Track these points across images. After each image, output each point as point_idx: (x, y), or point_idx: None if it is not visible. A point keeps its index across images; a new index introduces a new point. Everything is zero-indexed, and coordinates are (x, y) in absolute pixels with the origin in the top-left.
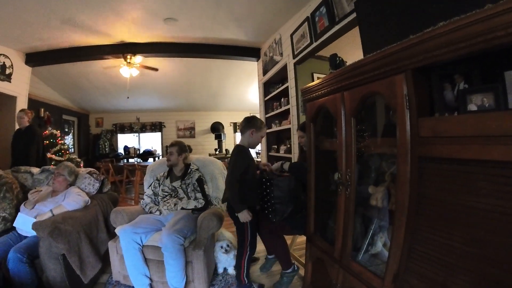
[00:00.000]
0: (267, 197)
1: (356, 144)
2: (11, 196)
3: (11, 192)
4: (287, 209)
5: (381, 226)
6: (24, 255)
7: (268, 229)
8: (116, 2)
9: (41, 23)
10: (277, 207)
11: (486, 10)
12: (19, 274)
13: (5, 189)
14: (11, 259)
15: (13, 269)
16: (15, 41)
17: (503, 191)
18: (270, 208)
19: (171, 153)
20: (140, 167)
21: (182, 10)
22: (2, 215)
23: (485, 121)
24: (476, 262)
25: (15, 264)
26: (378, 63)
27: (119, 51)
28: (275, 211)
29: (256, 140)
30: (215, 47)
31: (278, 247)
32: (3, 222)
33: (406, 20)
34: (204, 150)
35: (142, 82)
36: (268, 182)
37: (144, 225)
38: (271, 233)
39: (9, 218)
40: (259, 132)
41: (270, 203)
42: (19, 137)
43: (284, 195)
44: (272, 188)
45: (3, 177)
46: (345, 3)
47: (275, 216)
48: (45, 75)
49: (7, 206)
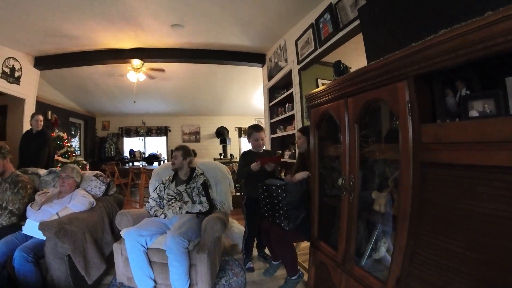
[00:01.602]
0: (279, 205)
1: (359, 150)
2: (23, 193)
3: (24, 189)
4: (300, 215)
5: (385, 231)
6: (30, 254)
7: (279, 235)
8: (126, 9)
9: (50, 27)
10: (290, 213)
11: (486, 18)
12: (24, 273)
13: (20, 186)
14: (17, 258)
15: (19, 268)
16: (24, 44)
17: (504, 196)
18: (282, 216)
19: (175, 156)
20: (145, 170)
21: (189, 17)
22: (10, 208)
23: (486, 127)
24: (478, 266)
25: (21, 263)
26: (381, 70)
27: (127, 56)
28: (288, 218)
29: (253, 143)
30: (221, 52)
31: (287, 253)
32: (8, 215)
33: (409, 27)
34: (209, 155)
35: (149, 86)
36: (279, 189)
37: (149, 228)
38: (281, 240)
39: (15, 213)
40: (251, 138)
41: (282, 210)
42: (29, 140)
43: (296, 200)
44: (285, 194)
45: (20, 175)
46: (349, 10)
47: (289, 224)
48: (53, 78)
49: (17, 201)
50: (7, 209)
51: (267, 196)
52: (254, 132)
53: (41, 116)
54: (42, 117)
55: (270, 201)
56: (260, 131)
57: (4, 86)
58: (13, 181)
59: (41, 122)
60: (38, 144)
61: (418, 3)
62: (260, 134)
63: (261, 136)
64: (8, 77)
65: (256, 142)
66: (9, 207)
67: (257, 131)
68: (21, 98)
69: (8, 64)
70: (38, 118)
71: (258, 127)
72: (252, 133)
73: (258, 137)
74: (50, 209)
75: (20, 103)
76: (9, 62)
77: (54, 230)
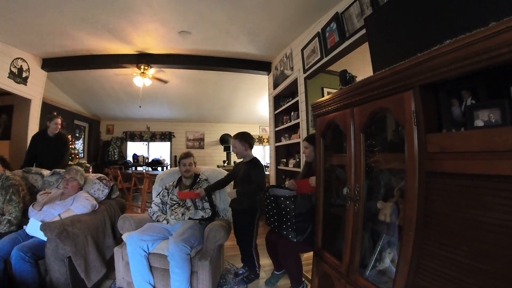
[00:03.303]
0: (287, 216)
1: (365, 159)
2: (17, 199)
3: (17, 194)
4: (308, 227)
5: (390, 241)
6: (27, 254)
7: (287, 247)
8: (134, 14)
9: (59, 30)
10: (299, 225)
11: (490, 28)
12: (20, 272)
13: (12, 191)
14: (13, 256)
15: (15, 266)
16: (33, 46)
17: (510, 206)
18: (290, 228)
19: (190, 164)
20: (148, 175)
21: (197, 24)
22: (8, 218)
23: (491, 136)
24: (483, 277)
25: (17, 261)
26: (387, 80)
27: (134, 61)
28: (296, 230)
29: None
30: (227, 60)
31: (293, 264)
32: (7, 224)
33: (414, 37)
34: (213, 162)
35: (154, 92)
36: (287, 201)
37: (151, 233)
38: (289, 251)
39: (14, 222)
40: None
41: (290, 222)
42: (47, 142)
43: (304, 212)
44: (293, 206)
45: (10, 178)
46: (355, 19)
47: (297, 236)
48: (59, 80)
49: (13, 210)
50: (4, 216)
51: (275, 207)
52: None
53: (60, 120)
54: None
55: (278, 212)
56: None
57: (11, 86)
58: (3, 186)
59: (60, 126)
60: (58, 148)
61: (423, 14)
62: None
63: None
64: (15, 77)
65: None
66: (7, 216)
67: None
68: (28, 98)
69: (16, 64)
70: (58, 122)
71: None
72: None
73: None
74: (53, 210)
75: (26, 104)
76: (17, 63)
77: (56, 232)
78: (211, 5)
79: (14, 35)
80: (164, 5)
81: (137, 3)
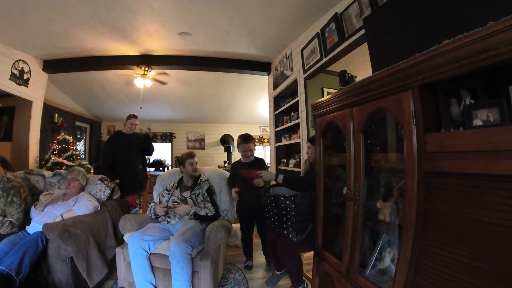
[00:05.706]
0: (287, 216)
1: (364, 159)
2: (18, 200)
3: (18, 196)
4: (308, 227)
5: (390, 241)
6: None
7: (287, 247)
8: (135, 15)
9: (60, 33)
10: (299, 225)
11: (488, 28)
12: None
13: (13, 193)
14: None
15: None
16: (34, 48)
17: (509, 205)
18: (290, 227)
19: (197, 162)
20: (149, 176)
21: (197, 25)
22: (10, 220)
23: (490, 135)
24: (484, 276)
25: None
26: (386, 80)
27: (135, 63)
28: (296, 230)
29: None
30: (227, 61)
31: (294, 264)
32: (9, 226)
33: (413, 37)
34: (214, 162)
35: (155, 93)
36: (287, 200)
37: (153, 233)
38: (289, 251)
39: (15, 224)
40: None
41: (291, 221)
42: (125, 141)
43: (304, 212)
44: (293, 205)
45: (11, 180)
46: (354, 19)
47: (297, 236)
48: (60, 82)
49: (15, 211)
50: (5, 217)
51: (275, 207)
52: (242, 143)
53: (136, 120)
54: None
55: (278, 212)
56: (248, 142)
57: (12, 88)
58: (4, 188)
59: (135, 127)
60: (137, 144)
61: (422, 14)
62: (248, 145)
63: (249, 148)
64: (17, 79)
65: (244, 153)
66: (9, 218)
67: (245, 142)
68: (29, 100)
69: (17, 66)
70: (133, 121)
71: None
72: (241, 144)
73: (246, 148)
74: (55, 210)
75: (27, 105)
76: (19, 65)
77: (58, 232)
78: (211, 6)
79: (15, 37)
80: (164, 7)
81: (138, 5)
